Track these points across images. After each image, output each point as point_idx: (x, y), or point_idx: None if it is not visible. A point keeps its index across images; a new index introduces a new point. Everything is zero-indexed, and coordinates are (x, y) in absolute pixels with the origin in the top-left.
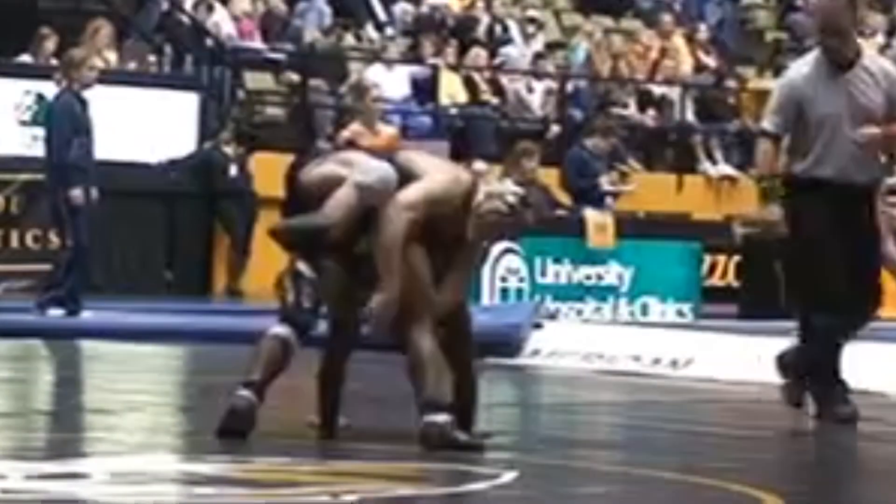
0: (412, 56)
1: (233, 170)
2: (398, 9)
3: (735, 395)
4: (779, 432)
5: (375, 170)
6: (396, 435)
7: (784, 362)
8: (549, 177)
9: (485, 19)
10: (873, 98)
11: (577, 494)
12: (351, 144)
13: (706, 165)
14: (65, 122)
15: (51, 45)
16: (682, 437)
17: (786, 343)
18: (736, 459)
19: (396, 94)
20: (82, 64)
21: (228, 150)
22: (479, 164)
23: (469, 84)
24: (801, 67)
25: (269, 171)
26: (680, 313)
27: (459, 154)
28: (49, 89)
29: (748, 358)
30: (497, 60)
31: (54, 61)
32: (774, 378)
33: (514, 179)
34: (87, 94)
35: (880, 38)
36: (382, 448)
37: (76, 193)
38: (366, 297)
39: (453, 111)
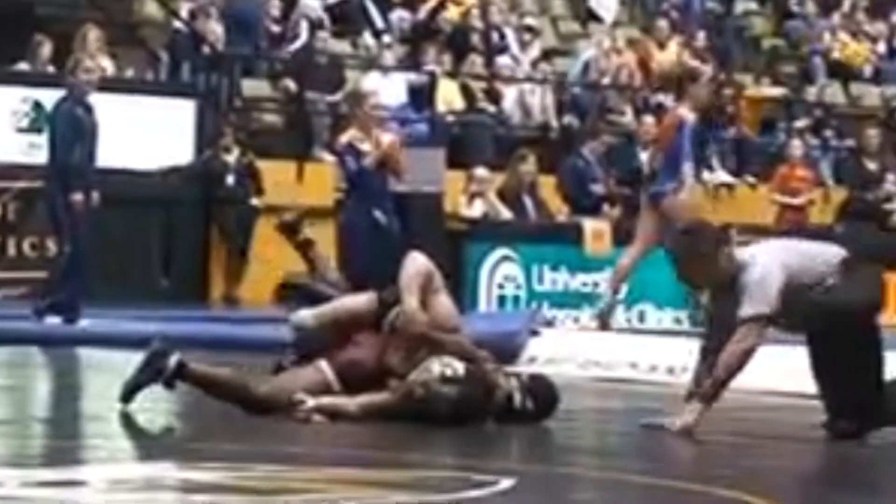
0: (409, 63)
1: (230, 178)
2: (395, 16)
3: (732, 402)
4: (777, 440)
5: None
6: (394, 442)
7: None
8: (547, 184)
9: (481, 27)
10: None
11: (575, 501)
12: (350, 148)
13: (703, 173)
14: (67, 128)
15: (47, 52)
16: (680, 445)
17: (782, 351)
18: (734, 467)
19: (393, 101)
20: (83, 69)
21: (228, 158)
22: (481, 172)
23: (466, 91)
24: None
25: (266, 179)
26: (677, 321)
27: (456, 161)
28: (45, 96)
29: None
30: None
31: (51, 69)
32: (769, 385)
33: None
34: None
35: (882, 46)
36: (380, 455)
37: (78, 198)
38: None
39: (450, 118)
